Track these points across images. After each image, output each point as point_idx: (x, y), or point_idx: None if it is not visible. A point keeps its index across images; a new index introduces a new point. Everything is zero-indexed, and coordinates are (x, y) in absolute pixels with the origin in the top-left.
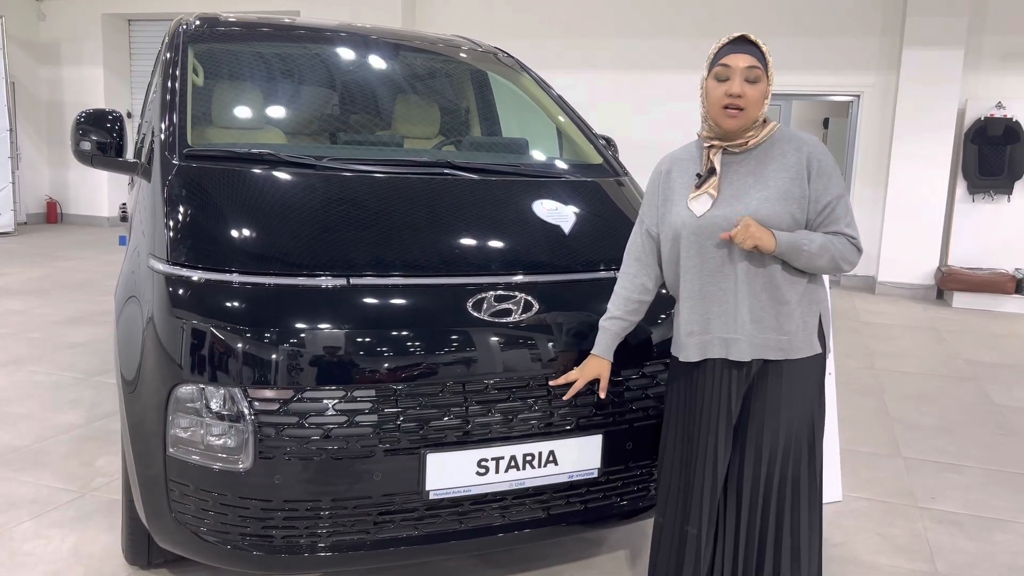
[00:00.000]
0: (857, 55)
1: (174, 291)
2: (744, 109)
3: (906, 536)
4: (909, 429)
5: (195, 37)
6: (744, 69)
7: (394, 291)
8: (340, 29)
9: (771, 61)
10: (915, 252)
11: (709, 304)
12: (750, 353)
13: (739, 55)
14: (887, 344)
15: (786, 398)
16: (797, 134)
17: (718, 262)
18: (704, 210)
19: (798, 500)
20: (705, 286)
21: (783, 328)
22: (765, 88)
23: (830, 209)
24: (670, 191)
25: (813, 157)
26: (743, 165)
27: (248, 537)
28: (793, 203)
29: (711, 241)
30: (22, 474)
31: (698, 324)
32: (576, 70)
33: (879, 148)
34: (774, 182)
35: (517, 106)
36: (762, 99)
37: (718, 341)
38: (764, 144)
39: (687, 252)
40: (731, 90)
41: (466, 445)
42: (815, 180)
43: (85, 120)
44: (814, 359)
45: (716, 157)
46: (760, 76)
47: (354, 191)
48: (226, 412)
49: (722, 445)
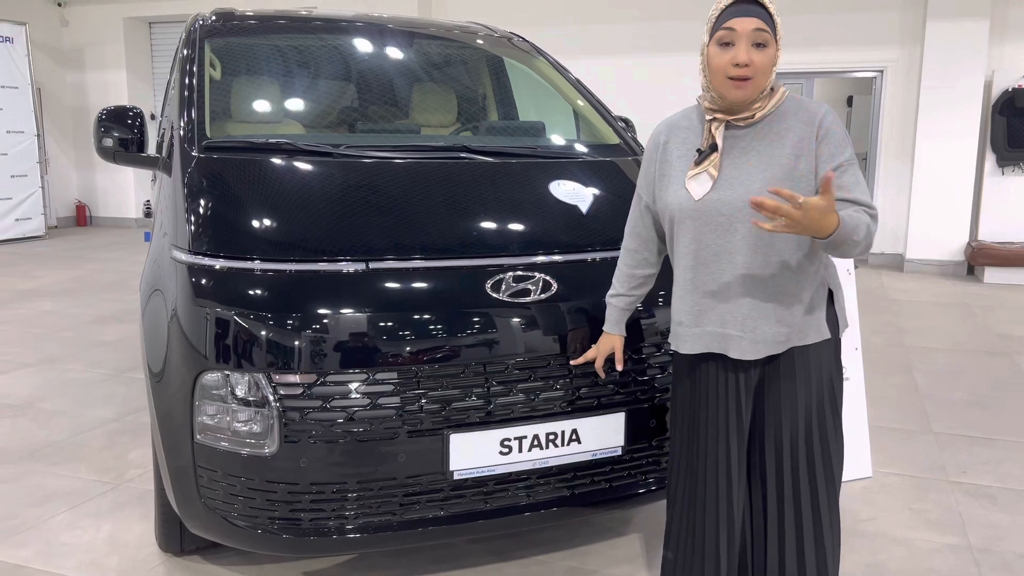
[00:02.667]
0: (879, 30)
1: (197, 280)
2: (752, 78)
3: (938, 510)
4: (939, 405)
5: (211, 32)
6: (751, 32)
7: (413, 274)
8: (355, 19)
9: (780, 22)
10: (944, 228)
11: (702, 295)
12: (752, 352)
13: (744, 18)
14: (916, 321)
15: (800, 384)
16: (806, 103)
17: (714, 250)
18: (703, 192)
19: (817, 486)
20: (699, 275)
21: (787, 320)
22: (774, 53)
23: (840, 171)
24: (667, 165)
25: (821, 126)
26: (747, 140)
27: (277, 521)
28: (800, 182)
29: (708, 227)
30: (58, 468)
31: (688, 315)
32: (593, 55)
33: (904, 124)
34: (779, 160)
35: (534, 90)
36: (771, 66)
37: (713, 336)
38: (770, 117)
39: (682, 237)
40: (737, 58)
41: (489, 425)
42: (822, 145)
43: (107, 117)
44: (825, 343)
45: (718, 132)
46: (768, 40)
47: (372, 177)
48: (251, 398)
49: (733, 447)
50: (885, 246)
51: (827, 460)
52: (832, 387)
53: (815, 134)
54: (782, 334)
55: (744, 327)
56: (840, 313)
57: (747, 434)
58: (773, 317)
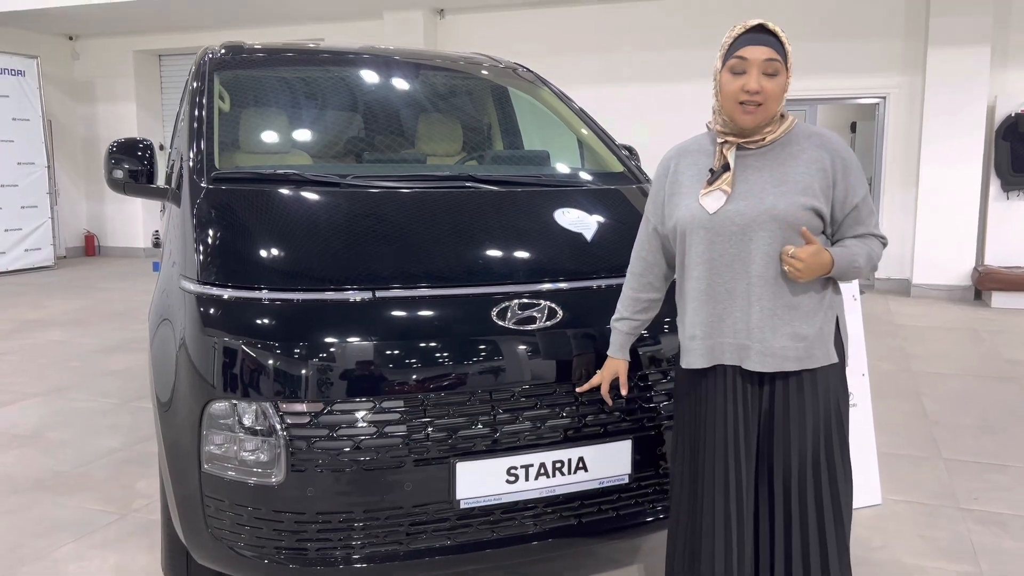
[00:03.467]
0: (881, 57)
1: (205, 310)
2: (762, 105)
3: (949, 538)
4: (949, 431)
5: (221, 65)
6: (763, 62)
7: (419, 302)
8: (361, 51)
9: (791, 51)
10: (950, 253)
11: (717, 305)
12: (764, 364)
13: (757, 47)
14: (924, 346)
15: (808, 409)
16: (817, 130)
17: (728, 259)
18: (718, 206)
19: (824, 513)
20: (713, 285)
21: (799, 334)
22: (784, 81)
23: (856, 211)
24: (677, 185)
25: (837, 156)
26: (759, 161)
27: (283, 551)
28: (814, 198)
29: (722, 236)
30: (64, 497)
31: (702, 327)
32: (597, 84)
33: (907, 149)
34: (793, 176)
35: (538, 119)
36: (781, 93)
37: (729, 347)
38: (781, 141)
39: (695, 248)
40: (748, 85)
41: (495, 453)
42: (841, 181)
43: (117, 149)
44: (833, 367)
45: (730, 153)
46: (779, 69)
47: (378, 206)
48: (258, 427)
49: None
50: (891, 271)
51: (834, 487)
52: (839, 413)
53: (830, 159)
54: (792, 349)
55: (758, 337)
56: (845, 342)
57: (754, 456)
58: (786, 331)
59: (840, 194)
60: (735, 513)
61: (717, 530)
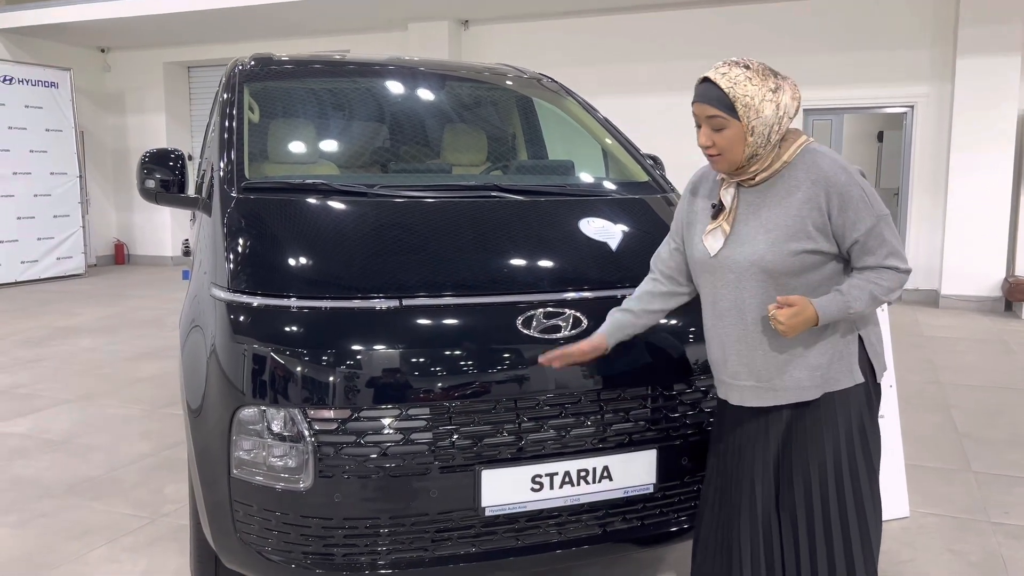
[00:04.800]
0: (909, 66)
1: (235, 317)
2: (721, 155)
3: (978, 552)
4: (979, 444)
5: (250, 76)
6: (705, 119)
7: (445, 311)
8: (388, 63)
9: (744, 98)
10: (979, 263)
11: (723, 347)
12: (778, 398)
13: (699, 104)
14: (953, 358)
15: (828, 428)
16: (817, 161)
17: (727, 304)
18: (717, 248)
19: (850, 534)
20: (717, 327)
21: (813, 365)
22: (738, 130)
23: (860, 245)
24: (693, 215)
25: (832, 191)
26: (757, 196)
27: (311, 556)
28: (807, 240)
29: (722, 282)
30: (96, 502)
31: (717, 366)
32: (621, 94)
33: (936, 159)
34: (783, 220)
35: (563, 129)
36: (737, 142)
37: (741, 388)
38: (782, 175)
39: (703, 289)
40: (700, 141)
41: (520, 461)
42: (838, 216)
43: (150, 160)
44: (858, 388)
45: (727, 193)
46: (724, 123)
47: (404, 216)
48: (287, 433)
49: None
50: (919, 282)
51: (860, 507)
52: (864, 432)
53: (825, 196)
54: (808, 380)
55: (766, 378)
56: (875, 357)
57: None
58: (796, 364)
59: (838, 229)
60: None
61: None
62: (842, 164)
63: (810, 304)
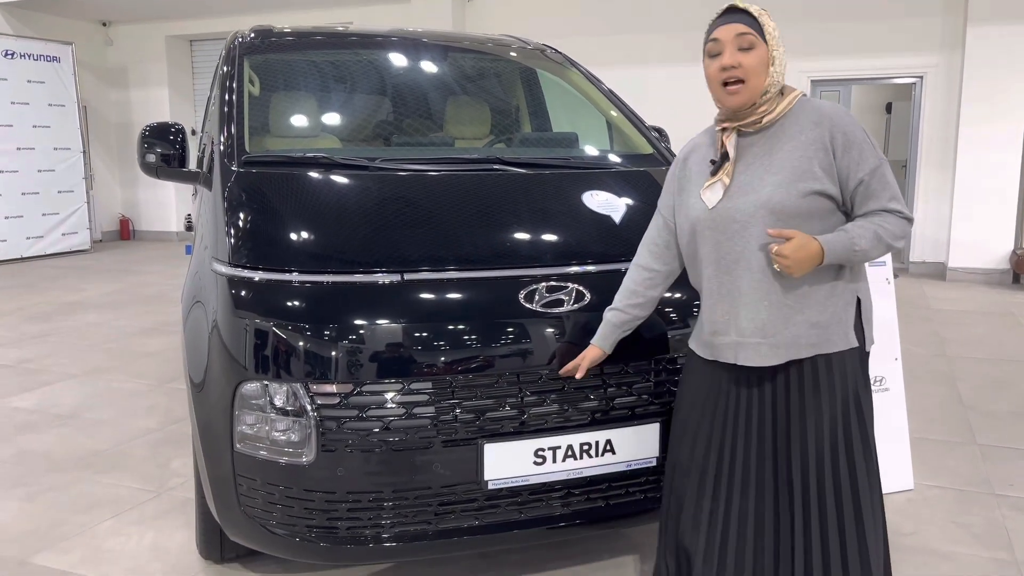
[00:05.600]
0: (918, 35)
1: (236, 292)
2: (744, 81)
3: (983, 524)
4: (984, 416)
5: (250, 49)
6: (734, 38)
7: (447, 285)
8: (390, 34)
9: (770, 26)
10: (987, 236)
11: (730, 303)
12: (778, 355)
13: (727, 26)
14: (959, 331)
15: (825, 397)
16: (818, 104)
17: (735, 256)
18: (716, 200)
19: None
20: (723, 283)
21: (813, 321)
22: (765, 54)
23: (864, 186)
24: (686, 180)
25: (836, 130)
26: (760, 145)
27: (314, 529)
28: (815, 180)
29: (725, 235)
30: (103, 476)
31: (723, 324)
32: (626, 65)
33: (945, 129)
34: (788, 162)
35: (567, 101)
36: (763, 66)
37: (745, 345)
38: (781, 120)
39: (704, 246)
40: (723, 61)
41: (522, 435)
42: (842, 157)
43: (150, 134)
44: (851, 352)
45: (730, 141)
46: (754, 41)
47: (406, 189)
48: (289, 407)
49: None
50: (927, 254)
51: (854, 479)
52: (859, 401)
53: (830, 135)
54: (806, 337)
55: (771, 331)
56: (867, 326)
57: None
58: (799, 319)
59: (844, 170)
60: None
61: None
62: (843, 108)
63: (813, 239)
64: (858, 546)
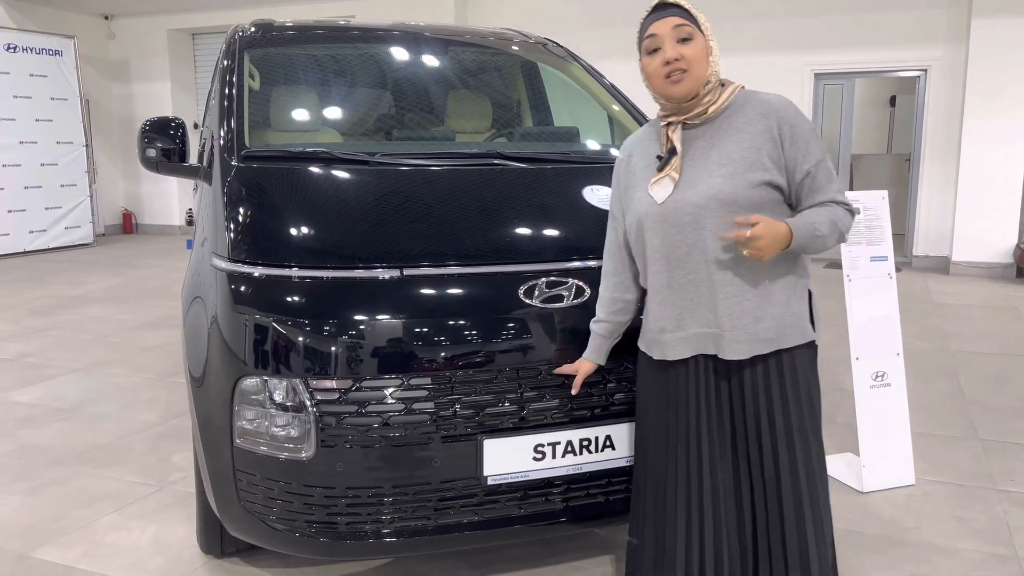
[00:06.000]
0: (922, 28)
1: (236, 287)
2: (688, 70)
3: (984, 519)
4: (986, 411)
5: (251, 43)
6: (672, 31)
7: (447, 281)
8: (391, 28)
9: (702, 17)
10: (991, 230)
11: (682, 297)
12: (738, 351)
13: (662, 20)
14: (962, 325)
15: (780, 393)
16: (763, 96)
17: (685, 250)
18: (666, 195)
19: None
20: (675, 277)
21: (768, 315)
22: (704, 44)
23: (811, 178)
24: (632, 177)
25: (784, 122)
26: (705, 139)
27: (314, 524)
28: (764, 171)
29: (675, 227)
30: (104, 470)
31: (671, 320)
32: (628, 59)
33: (949, 123)
34: (738, 153)
35: (568, 95)
36: (704, 56)
37: (701, 337)
38: (727, 113)
39: (652, 241)
40: (666, 56)
41: (522, 431)
42: (789, 148)
43: (150, 128)
44: (806, 348)
45: (675, 135)
46: (692, 32)
47: (406, 184)
48: (289, 403)
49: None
50: (930, 248)
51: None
52: (811, 398)
53: (777, 126)
54: (764, 332)
55: (728, 325)
56: (816, 321)
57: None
58: (756, 314)
59: (791, 161)
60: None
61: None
62: (788, 100)
63: (780, 221)
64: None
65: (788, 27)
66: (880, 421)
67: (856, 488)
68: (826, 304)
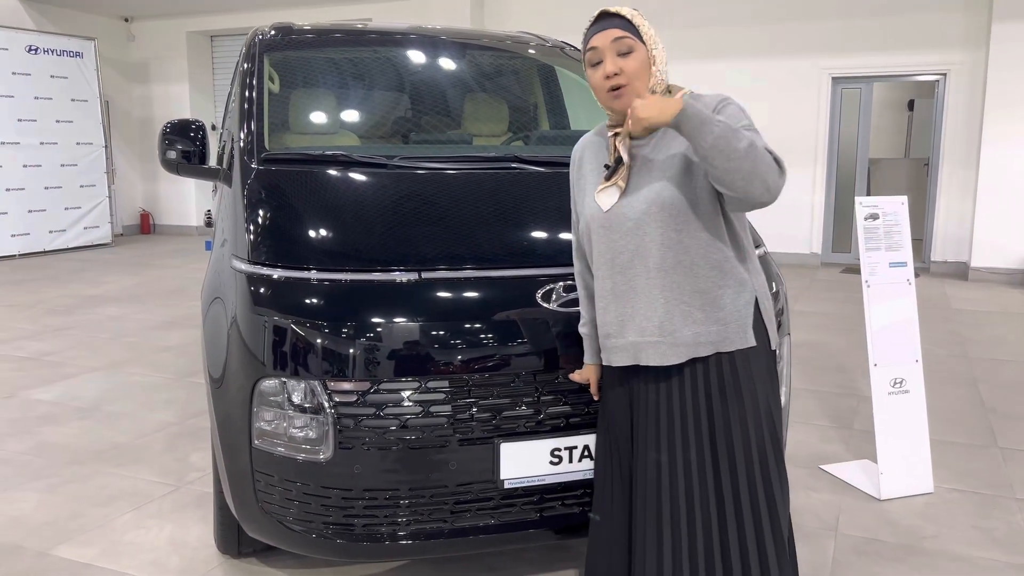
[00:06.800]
0: (942, 32)
1: (255, 289)
2: (627, 84)
3: (1004, 528)
4: (1006, 419)
5: (270, 46)
6: (612, 44)
7: (464, 284)
8: (409, 31)
9: (645, 26)
10: (1011, 235)
11: (624, 304)
12: (678, 355)
13: (602, 32)
14: (981, 332)
15: (733, 399)
16: (707, 98)
17: (628, 255)
18: (612, 203)
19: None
20: (617, 283)
21: (711, 318)
22: (644, 55)
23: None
24: (583, 180)
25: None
26: (650, 145)
27: (331, 526)
28: (700, 169)
29: (619, 232)
30: (123, 469)
31: (614, 326)
32: None
33: (968, 128)
34: (678, 157)
35: (585, 99)
36: (644, 68)
37: (643, 345)
38: None
39: (597, 247)
40: (606, 70)
41: (539, 435)
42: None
43: (171, 131)
44: (754, 351)
45: (623, 146)
46: (632, 45)
47: (424, 188)
48: (307, 404)
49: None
50: (948, 254)
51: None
52: (768, 404)
53: None
54: (705, 335)
55: (668, 330)
56: (770, 326)
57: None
58: (697, 316)
59: None
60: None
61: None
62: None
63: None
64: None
65: (806, 31)
66: (898, 428)
67: (874, 495)
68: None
